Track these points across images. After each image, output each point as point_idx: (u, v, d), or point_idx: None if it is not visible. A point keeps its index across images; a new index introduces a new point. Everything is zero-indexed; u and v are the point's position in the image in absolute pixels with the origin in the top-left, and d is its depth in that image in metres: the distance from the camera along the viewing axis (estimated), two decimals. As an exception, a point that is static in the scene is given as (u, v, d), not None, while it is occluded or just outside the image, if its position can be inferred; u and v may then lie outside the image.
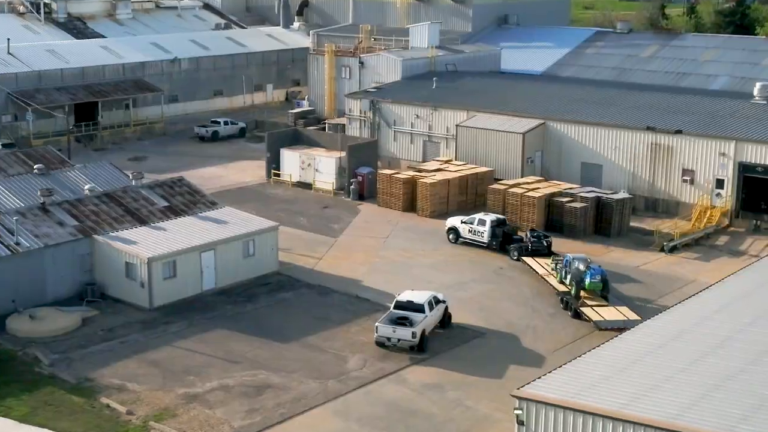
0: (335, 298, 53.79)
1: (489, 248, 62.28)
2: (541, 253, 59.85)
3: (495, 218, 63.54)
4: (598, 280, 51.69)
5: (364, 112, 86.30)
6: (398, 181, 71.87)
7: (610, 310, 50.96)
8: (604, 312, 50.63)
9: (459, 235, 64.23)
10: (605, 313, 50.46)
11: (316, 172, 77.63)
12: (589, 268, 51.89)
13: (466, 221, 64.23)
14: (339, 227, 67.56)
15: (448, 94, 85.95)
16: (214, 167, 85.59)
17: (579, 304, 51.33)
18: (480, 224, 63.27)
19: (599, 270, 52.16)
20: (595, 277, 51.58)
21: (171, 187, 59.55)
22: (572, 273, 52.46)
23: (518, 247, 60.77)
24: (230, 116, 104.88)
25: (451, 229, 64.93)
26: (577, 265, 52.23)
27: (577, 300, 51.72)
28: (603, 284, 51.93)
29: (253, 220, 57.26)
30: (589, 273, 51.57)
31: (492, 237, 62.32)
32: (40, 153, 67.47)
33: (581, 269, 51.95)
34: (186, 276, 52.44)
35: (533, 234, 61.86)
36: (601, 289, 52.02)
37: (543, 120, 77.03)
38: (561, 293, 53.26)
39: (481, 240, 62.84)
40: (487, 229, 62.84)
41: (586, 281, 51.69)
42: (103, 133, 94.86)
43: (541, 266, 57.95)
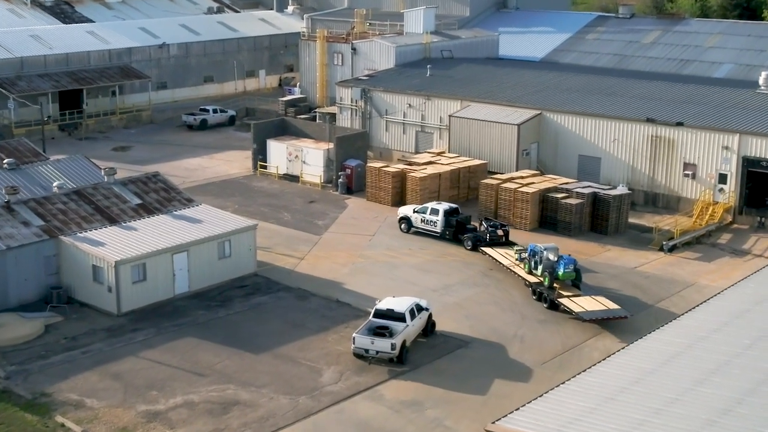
0: (314, 302, 51.11)
1: (442, 238, 60.77)
2: (497, 243, 58.33)
3: (448, 207, 61.82)
4: (572, 270, 50.73)
5: (356, 101, 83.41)
6: (387, 175, 69.04)
7: (588, 300, 49.72)
8: (583, 302, 49.39)
9: (411, 225, 62.47)
10: (585, 304, 49.21)
11: (303, 165, 74.82)
12: (560, 257, 50.82)
13: (418, 210, 62.53)
14: (324, 223, 64.78)
15: (442, 82, 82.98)
16: (199, 158, 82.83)
17: (555, 295, 50.15)
18: (433, 213, 61.55)
19: (571, 259, 51.17)
20: (568, 266, 50.58)
21: (145, 184, 56.81)
22: (544, 263, 51.21)
23: (472, 237, 59.25)
24: (221, 103, 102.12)
25: (403, 218, 63.09)
26: (548, 255, 51.06)
27: (551, 291, 50.58)
28: (576, 273, 51.07)
29: (230, 219, 54.53)
30: (562, 263, 50.59)
31: (445, 226, 60.70)
32: (14, 145, 64.80)
33: (552, 259, 50.82)
34: (157, 279, 49.80)
35: (490, 224, 59.84)
36: (574, 278, 51.11)
37: (539, 110, 74.06)
38: (532, 284, 52.10)
39: (434, 230, 61.26)
40: (440, 219, 61.11)
41: (559, 271, 50.61)
42: (88, 121, 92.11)
43: (504, 256, 56.25)
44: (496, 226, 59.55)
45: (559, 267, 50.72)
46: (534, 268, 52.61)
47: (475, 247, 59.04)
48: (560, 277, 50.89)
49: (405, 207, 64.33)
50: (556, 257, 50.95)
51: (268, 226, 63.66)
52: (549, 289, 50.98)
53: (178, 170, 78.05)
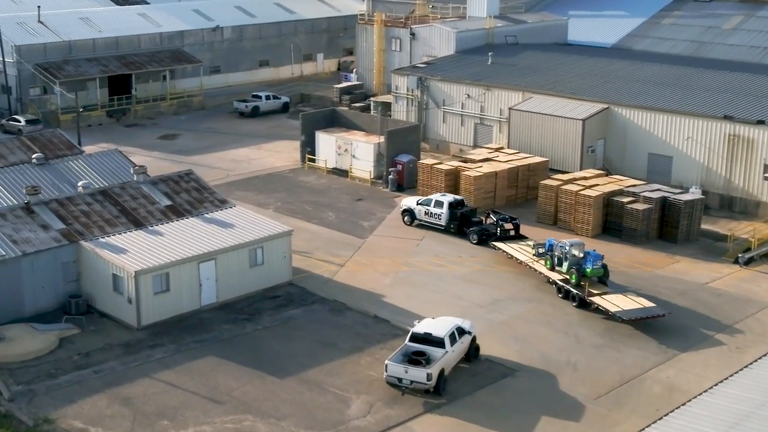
0: (349, 317, 47.11)
1: (446, 231, 58.25)
2: (506, 237, 55.70)
3: (453, 199, 59.08)
4: (600, 266, 48.71)
5: (411, 90, 78.98)
6: (440, 173, 64.58)
7: (621, 297, 47.47)
8: (616, 300, 47.06)
9: (414, 217, 59.73)
10: (618, 302, 46.90)
11: (352, 159, 70.73)
12: (587, 253, 48.81)
13: (422, 202, 59.69)
14: (369, 225, 60.66)
15: (503, 71, 78.05)
16: (247, 148, 79.31)
17: (586, 293, 47.73)
18: (437, 206, 58.75)
19: (598, 255, 48.93)
20: (596, 263, 48.60)
21: (177, 183, 53.33)
22: (570, 260, 49.02)
23: (477, 231, 56.81)
24: (276, 89, 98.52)
25: (406, 210, 60.26)
26: (574, 252, 48.88)
27: (580, 288, 48.26)
28: (603, 270, 49.01)
29: (263, 224, 50.71)
30: (590, 259, 48.64)
31: (450, 219, 58.14)
32: (47, 137, 61.88)
33: (579, 255, 48.77)
34: (181, 290, 46.31)
35: (499, 216, 56.80)
36: (601, 275, 49.06)
37: (607, 104, 68.79)
38: (557, 282, 49.64)
39: (438, 222, 58.67)
40: (444, 211, 58.34)
41: (587, 268, 48.56)
42: (137, 107, 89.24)
43: (520, 251, 53.57)
44: (504, 219, 56.40)
45: (586, 263, 48.52)
46: (558, 264, 49.90)
47: (481, 241, 56.43)
48: (588, 274, 48.56)
49: (408, 198, 61.40)
50: (582, 253, 48.63)
51: (309, 227, 59.83)
52: (577, 287, 48.48)
53: (223, 162, 74.67)
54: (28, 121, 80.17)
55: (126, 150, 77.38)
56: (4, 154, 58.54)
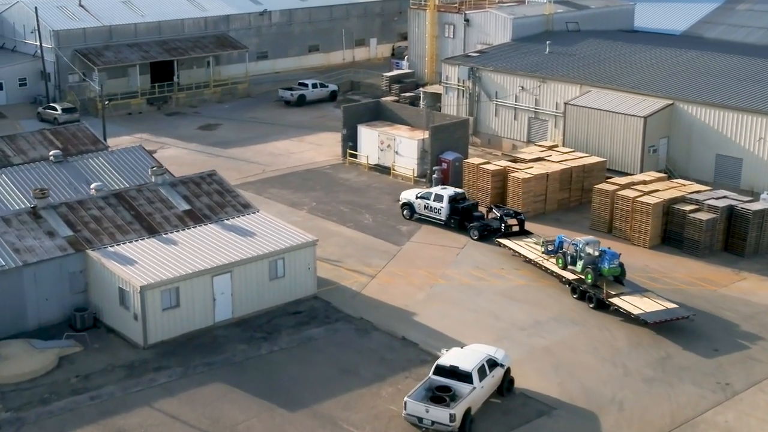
0: (375, 339, 43.08)
1: (446, 226, 55.97)
2: (509, 233, 53.21)
3: (453, 192, 56.67)
4: (617, 265, 46.36)
5: (463, 80, 74.39)
6: (486, 173, 60.05)
7: (641, 298, 45.29)
8: (637, 302, 44.85)
9: (414, 211, 57.43)
10: (640, 303, 44.67)
11: (395, 155, 66.55)
12: (603, 252, 46.57)
13: (421, 196, 57.25)
14: (408, 230, 56.48)
15: (561, 61, 72.99)
16: (288, 140, 75.59)
17: (604, 294, 45.51)
18: (437, 200, 56.43)
19: (614, 254, 46.56)
20: (613, 261, 46.23)
21: (198, 185, 49.77)
22: (585, 259, 46.73)
23: (479, 226, 54.59)
24: (327, 75, 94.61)
25: (405, 204, 57.89)
26: (589, 250, 46.68)
27: (597, 289, 46.09)
28: (620, 269, 46.57)
29: (286, 233, 46.85)
30: (605, 258, 46.31)
31: (450, 214, 55.87)
32: (72, 131, 58.80)
33: (594, 254, 46.55)
34: (193, 305, 42.77)
35: (502, 211, 54.34)
36: (618, 274, 46.62)
37: (671, 100, 63.45)
38: (572, 282, 47.37)
39: (438, 217, 56.43)
40: (444, 205, 56.03)
41: (603, 267, 46.26)
42: (178, 95, 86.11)
43: (528, 248, 51.30)
44: (508, 214, 53.87)
45: (602, 262, 46.26)
46: (571, 263, 47.65)
47: (482, 237, 54.15)
48: (604, 273, 46.32)
49: (408, 191, 58.82)
50: (598, 251, 46.49)
51: (343, 231, 55.90)
52: (593, 287, 46.31)
53: (261, 155, 71.08)
54: (64, 109, 77.53)
55: (162, 141, 74.69)
56: (24, 149, 55.66)
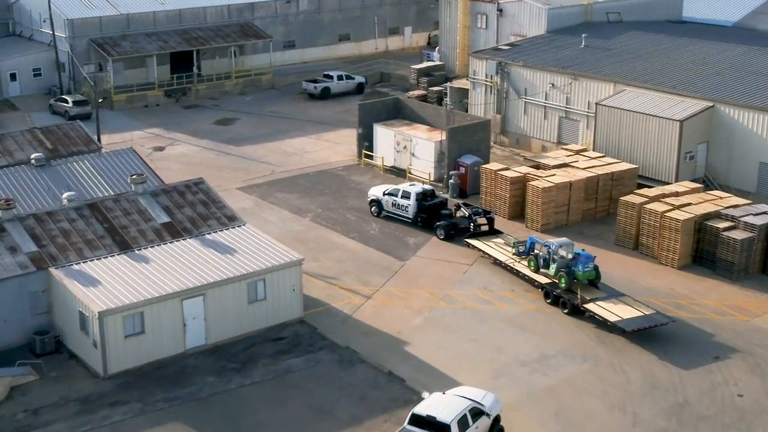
0: (359, 372, 39.00)
1: (414, 224, 53.68)
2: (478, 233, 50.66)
3: (422, 189, 54.33)
4: (591, 269, 44.25)
5: (491, 76, 69.67)
6: (504, 180, 55.49)
7: (617, 304, 43.09)
8: (613, 308, 42.64)
9: (382, 209, 55.21)
10: (616, 310, 42.50)
11: (412, 157, 62.21)
12: (577, 254, 44.36)
13: (389, 192, 54.96)
14: (416, 242, 52.20)
15: (597, 56, 67.84)
16: (305, 137, 71.63)
17: (579, 300, 43.18)
18: (404, 197, 54.10)
19: (589, 256, 44.49)
20: (588, 265, 44.12)
21: (182, 195, 46.06)
22: (558, 262, 44.64)
23: (445, 226, 52.07)
24: (357, 66, 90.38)
25: (373, 201, 55.70)
26: (562, 252, 44.52)
27: (571, 294, 43.79)
28: (595, 272, 44.53)
29: (270, 250, 42.89)
30: (581, 261, 44.14)
31: (417, 212, 53.55)
32: (65, 131, 55.56)
33: (567, 257, 44.40)
34: (160, 331, 39.14)
35: (471, 210, 51.59)
36: (593, 277, 44.53)
37: (712, 102, 58.11)
38: (545, 286, 45.07)
39: (406, 215, 54.18)
40: (411, 203, 53.71)
41: (577, 271, 44.02)
42: (199, 86, 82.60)
43: (498, 250, 48.96)
44: (477, 213, 51.35)
45: (576, 266, 44.07)
46: (543, 266, 45.48)
47: (448, 236, 51.85)
48: (578, 277, 44.10)
49: (376, 188, 56.52)
50: (572, 254, 44.32)
51: (345, 243, 51.86)
52: (568, 292, 44.06)
53: (274, 154, 67.25)
54: (75, 102, 74.50)
55: (174, 136, 71.40)
56: (11, 150, 52.60)
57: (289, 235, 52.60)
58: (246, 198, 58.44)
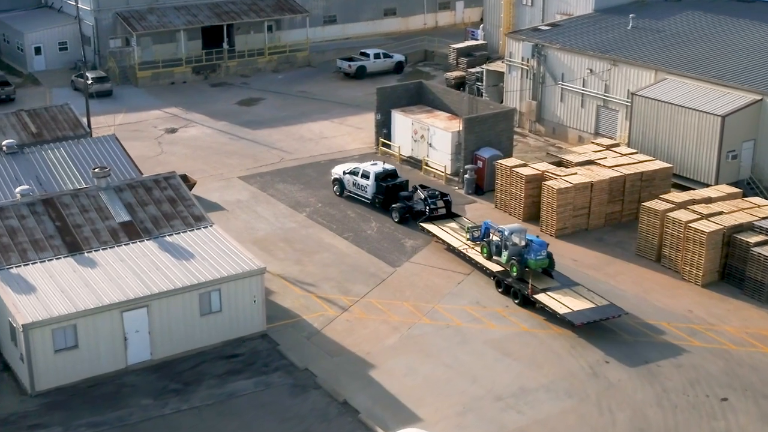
0: (310, 400, 34.97)
1: (372, 205, 51.67)
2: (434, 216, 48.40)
3: (382, 170, 52.00)
4: (544, 256, 41.99)
5: (527, 59, 64.33)
6: (519, 178, 50.53)
7: (569, 294, 40.77)
8: (564, 299, 40.28)
9: (344, 188, 53.42)
10: (567, 301, 40.12)
11: (429, 148, 57.59)
12: (530, 241, 42.06)
13: (350, 171, 53.05)
14: (413, 245, 47.73)
15: (643, 39, 61.91)
16: (327, 121, 67.49)
17: (530, 289, 41.00)
18: (364, 177, 52.07)
19: (542, 243, 42.19)
20: (540, 253, 41.81)
21: (149, 191, 42.47)
22: (510, 249, 42.32)
23: (400, 208, 49.86)
24: (401, 43, 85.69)
25: (336, 180, 53.98)
26: (514, 239, 42.16)
27: (523, 283, 41.61)
28: (548, 260, 42.20)
29: (230, 256, 39.01)
30: (533, 249, 41.80)
31: (375, 192, 51.44)
32: (53, 113, 52.49)
33: (520, 244, 42.16)
34: (97, 346, 35.74)
35: (428, 192, 49.28)
36: (547, 266, 42.29)
37: (760, 95, 51.97)
38: (496, 274, 42.80)
39: (365, 195, 52.17)
40: (370, 183, 51.59)
41: (529, 259, 41.83)
42: (229, 63, 79.07)
43: (452, 235, 46.56)
44: (434, 196, 49.02)
45: (528, 254, 41.88)
46: (496, 253, 43.24)
47: (403, 219, 49.75)
48: (531, 265, 41.86)
49: (339, 166, 54.78)
50: (525, 241, 42.03)
51: (336, 243, 47.73)
52: (519, 281, 41.84)
53: (288, 140, 63.32)
54: (95, 78, 71.70)
55: (191, 117, 68.32)
56: (-8, 134, 49.85)
57: (278, 234, 48.76)
58: (245, 189, 54.74)
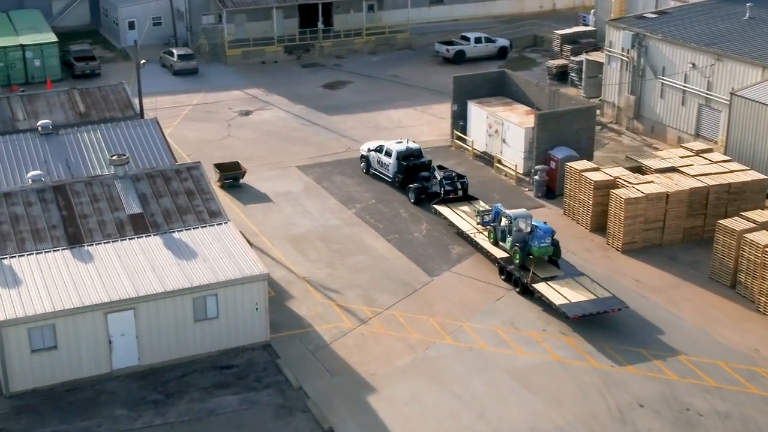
0: (293, 425, 31.60)
1: (393, 185, 50.25)
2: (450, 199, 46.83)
3: (405, 148, 50.27)
4: (549, 243, 39.95)
5: (626, 49, 58.66)
6: (588, 184, 45.54)
7: (571, 284, 38.75)
8: (564, 290, 38.31)
9: (370, 166, 52.03)
10: (567, 292, 38.14)
11: (503, 144, 53.07)
12: (535, 227, 40.16)
13: (375, 149, 51.61)
14: (458, 253, 43.57)
15: (756, 32, 55.41)
16: (411, 109, 63.69)
17: (530, 278, 39.07)
18: (387, 155, 50.54)
19: (548, 229, 40.12)
20: (544, 240, 39.83)
21: (168, 181, 39.89)
22: (514, 235, 40.52)
23: (416, 189, 48.32)
24: (512, 26, 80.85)
25: (363, 156, 52.67)
26: (519, 224, 40.32)
27: (524, 271, 39.79)
28: (553, 248, 40.11)
29: (234, 258, 35.98)
30: (537, 235, 39.89)
31: (396, 171, 49.92)
32: (104, 93, 50.64)
33: (524, 230, 40.34)
34: (77, 347, 33.46)
35: (444, 173, 47.67)
36: (552, 254, 40.18)
37: None
38: (500, 261, 41.07)
39: (387, 174, 50.73)
40: (392, 162, 49.99)
41: (533, 245, 39.87)
42: (324, 43, 76.17)
43: (463, 218, 44.91)
44: (451, 177, 47.35)
45: (532, 240, 39.89)
46: (502, 239, 41.43)
47: (419, 201, 48.22)
48: (534, 253, 39.87)
49: (370, 142, 53.52)
50: (529, 227, 40.25)
51: (377, 246, 44.12)
52: (521, 268, 40.03)
53: (362, 127, 59.91)
54: (180, 56, 70.17)
55: (270, 99, 65.93)
56: (39, 112, 48.18)
57: (318, 231, 45.54)
58: (299, 179, 51.76)
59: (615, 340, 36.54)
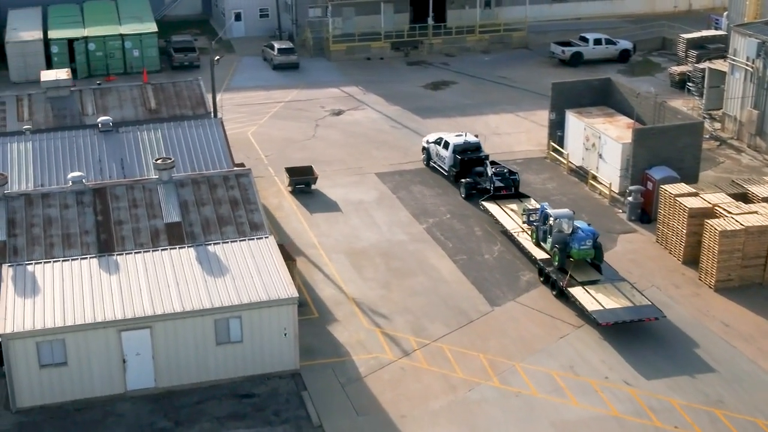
0: (301, 471, 28.82)
1: (448, 178, 48.90)
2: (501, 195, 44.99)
3: (462, 142, 48.53)
4: (589, 246, 37.85)
5: (752, 59, 52.96)
6: (682, 211, 40.66)
7: (609, 290, 36.60)
8: (600, 295, 36.22)
9: (430, 158, 50.92)
10: (603, 298, 36.06)
11: (599, 160, 48.51)
12: (576, 228, 38.01)
13: (434, 141, 50.41)
14: (529, 280, 39.56)
15: None
16: (511, 114, 59.75)
17: (566, 281, 37.04)
18: (445, 148, 49.06)
19: (590, 231, 38.12)
20: (584, 242, 37.78)
21: (213, 188, 37.53)
22: (554, 235, 38.52)
23: (466, 184, 46.92)
24: (640, 26, 75.46)
25: (424, 148, 51.54)
26: (561, 225, 38.33)
27: (562, 273, 37.78)
28: (595, 251, 37.97)
29: (265, 279, 33.21)
30: (577, 237, 37.75)
31: (451, 165, 48.46)
32: (178, 89, 49.02)
33: (566, 231, 38.26)
34: (89, 365, 31.46)
35: (495, 169, 45.84)
36: (593, 257, 38.05)
37: None
38: (540, 262, 39.16)
39: (443, 167, 49.41)
40: (448, 155, 48.54)
41: (573, 247, 37.75)
42: (433, 40, 72.69)
43: (510, 217, 43.01)
44: (501, 173, 45.53)
45: (572, 242, 37.77)
46: (543, 239, 39.70)
47: (469, 196, 46.78)
48: (573, 255, 37.79)
49: (434, 134, 51.79)
50: (571, 228, 38.12)
51: (442, 267, 40.59)
52: (559, 271, 38.00)
53: (459, 127, 56.15)
54: (281, 49, 68.14)
55: (367, 99, 63.10)
56: (109, 107, 47.04)
57: (381, 247, 42.36)
58: (375, 188, 48.67)
59: (687, 396, 31.96)
